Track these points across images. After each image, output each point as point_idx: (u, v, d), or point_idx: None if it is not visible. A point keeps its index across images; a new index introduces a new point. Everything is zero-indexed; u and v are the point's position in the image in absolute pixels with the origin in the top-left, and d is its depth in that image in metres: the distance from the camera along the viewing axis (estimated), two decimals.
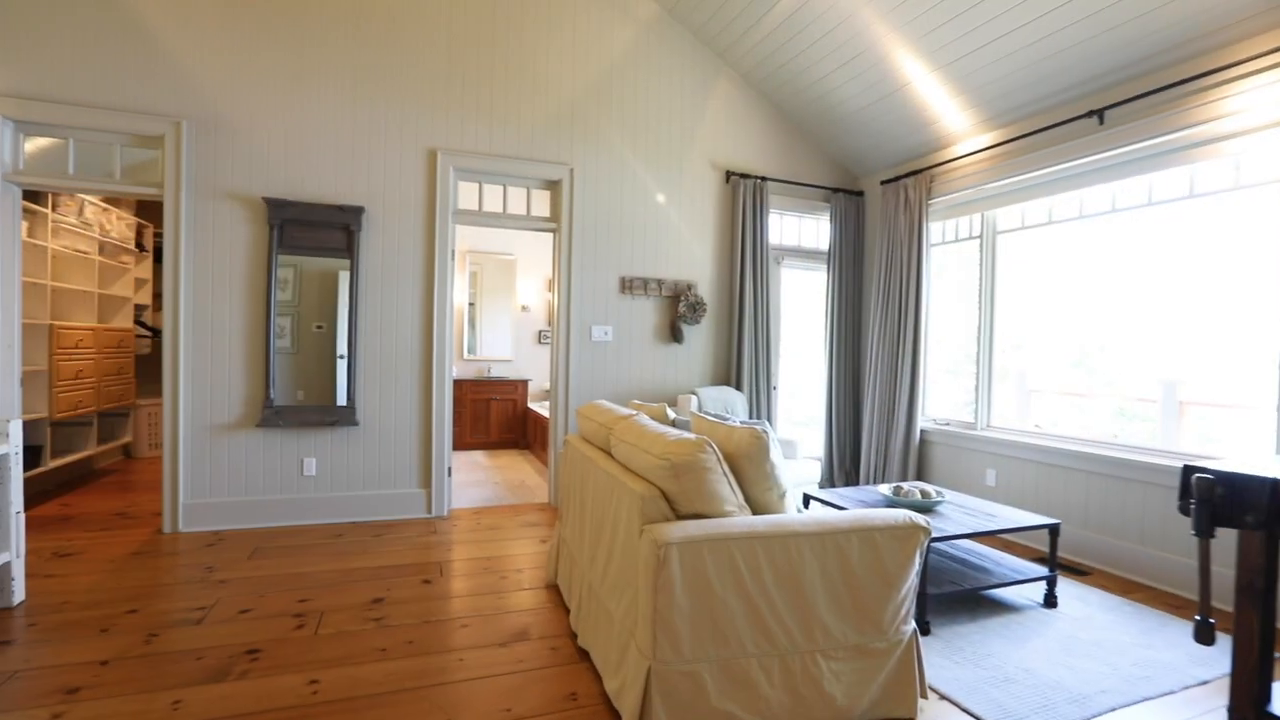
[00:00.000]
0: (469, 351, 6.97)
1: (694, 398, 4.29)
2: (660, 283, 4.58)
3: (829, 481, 5.03)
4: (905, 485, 3.04)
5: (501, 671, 2.17)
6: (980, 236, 4.22)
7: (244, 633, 2.40)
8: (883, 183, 4.74)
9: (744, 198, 4.69)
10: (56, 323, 4.07)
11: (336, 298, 3.86)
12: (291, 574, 2.99)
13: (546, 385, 7.06)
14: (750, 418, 4.67)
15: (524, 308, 7.19)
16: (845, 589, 1.81)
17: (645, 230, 4.55)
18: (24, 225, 3.97)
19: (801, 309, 5.44)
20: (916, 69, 3.80)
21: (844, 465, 5.07)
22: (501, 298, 7.07)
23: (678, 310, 4.58)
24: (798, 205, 5.01)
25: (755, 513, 1.92)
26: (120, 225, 5.04)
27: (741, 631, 1.71)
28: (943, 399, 4.65)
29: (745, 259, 4.69)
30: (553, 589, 2.91)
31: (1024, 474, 3.79)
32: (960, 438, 4.21)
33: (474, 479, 5.18)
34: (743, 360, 4.67)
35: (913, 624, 1.93)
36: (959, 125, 4.10)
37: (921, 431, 4.49)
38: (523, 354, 7.18)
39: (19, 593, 2.61)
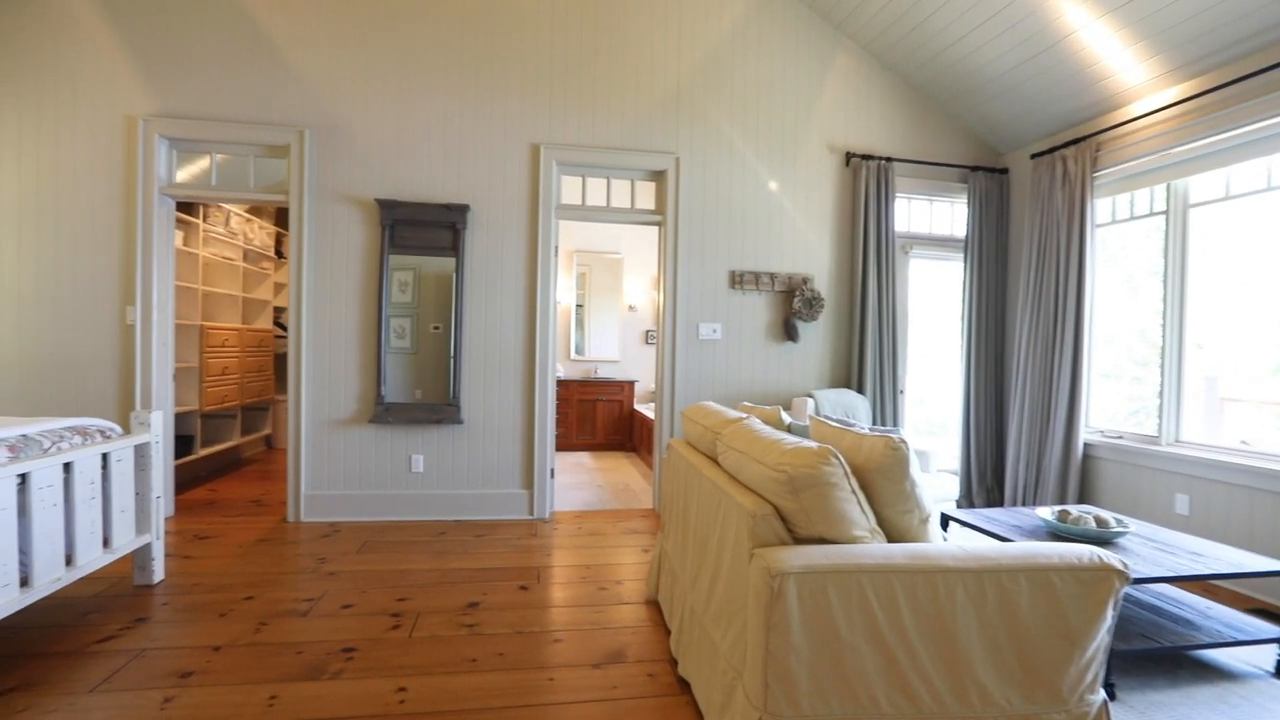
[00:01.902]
0: (576, 352, 6.96)
1: (810, 401, 3.91)
2: (773, 277, 4.25)
3: (967, 499, 4.43)
4: (1072, 509, 2.52)
5: (593, 697, 1.97)
6: (1166, 211, 3.50)
7: (343, 629, 2.38)
8: (1033, 156, 4.10)
9: (866, 181, 4.24)
10: (206, 323, 4.46)
11: (451, 299, 3.90)
12: (394, 570, 3.00)
13: (653, 386, 6.90)
14: (874, 425, 4.21)
15: (631, 307, 7.08)
16: (1010, 642, 1.43)
17: (756, 221, 4.24)
18: (180, 235, 4.38)
19: (933, 304, 4.87)
20: (1080, 15, 3.21)
21: (984, 481, 4.45)
22: (609, 298, 7.00)
23: (792, 306, 4.22)
24: (928, 188, 4.47)
25: (891, 539, 1.58)
26: (261, 234, 5.49)
27: (874, 685, 1.39)
28: (1098, 408, 3.93)
29: (868, 249, 4.24)
30: (653, 605, 2.69)
31: (1229, 502, 3.07)
32: (1137, 454, 3.52)
33: (578, 481, 5.10)
34: (865, 361, 4.22)
35: (1101, 693, 1.50)
36: (1135, 79, 3.43)
37: (1085, 445, 3.82)
38: (629, 354, 7.07)
39: (159, 572, 2.79)
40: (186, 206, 4.47)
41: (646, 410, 6.09)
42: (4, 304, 3.46)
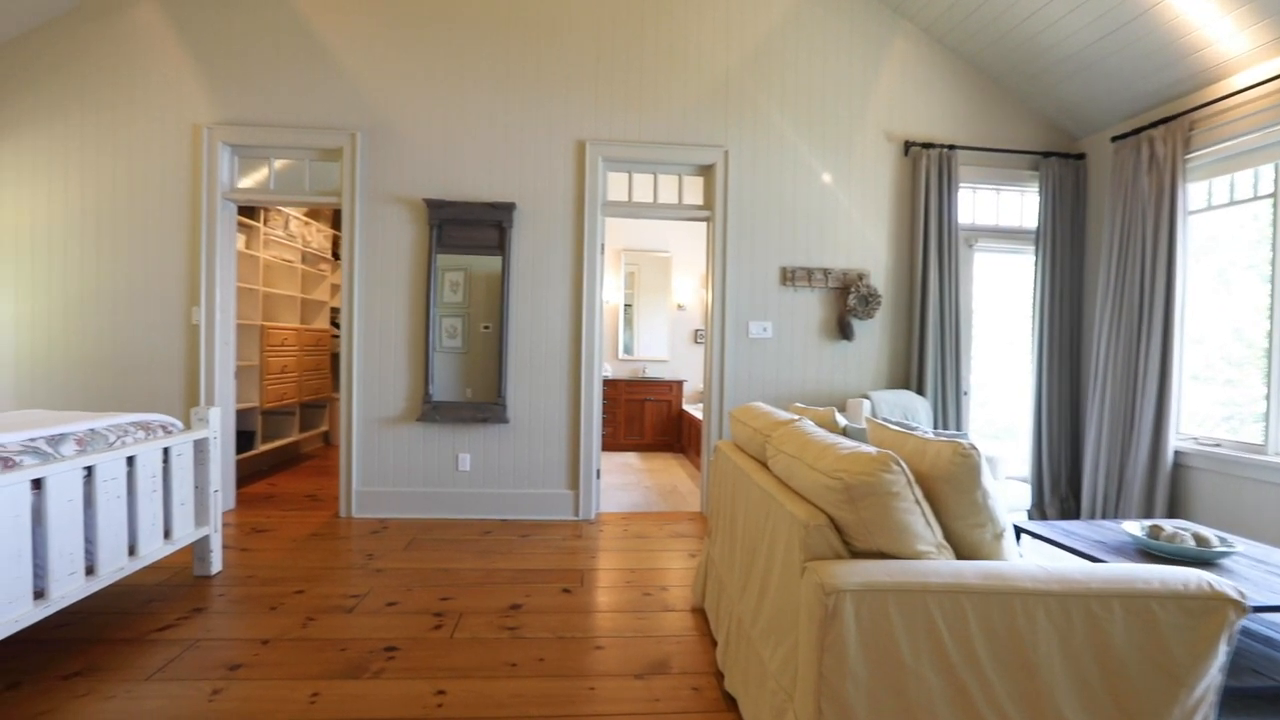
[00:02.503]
0: (625, 351, 6.91)
1: (866, 402, 3.72)
2: (826, 273, 4.07)
3: (1038, 510, 4.14)
4: (1165, 525, 2.28)
5: (634, 710, 1.89)
6: (1275, 194, 3.16)
7: (386, 627, 2.38)
8: (1114, 139, 3.79)
9: (927, 171, 4.01)
10: (266, 323, 4.61)
11: (499, 298, 3.90)
12: (439, 569, 2.99)
13: (702, 386, 6.77)
14: (935, 428, 3.98)
15: (679, 306, 6.98)
16: (1101, 677, 1.27)
17: (809, 215, 4.07)
18: (242, 238, 4.54)
19: (1000, 299, 4.57)
20: None
21: (1057, 490, 4.14)
22: (657, 296, 6.92)
23: (847, 303, 4.03)
24: (995, 176, 4.20)
25: (960, 556, 1.44)
26: (319, 236, 5.66)
27: (941, 719, 1.26)
28: (1187, 413, 3.57)
29: (929, 242, 4.01)
30: (699, 614, 2.59)
31: None
32: (1239, 464, 3.18)
33: (624, 481, 5.03)
34: (926, 360, 3.99)
35: None
36: (1236, 49, 3.11)
37: (1175, 454, 3.49)
38: (678, 354, 6.96)
39: (217, 563, 2.87)
40: (248, 210, 4.64)
41: (695, 411, 5.97)
42: (82, 306, 3.65)
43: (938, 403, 4.03)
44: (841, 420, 2.13)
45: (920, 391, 4.01)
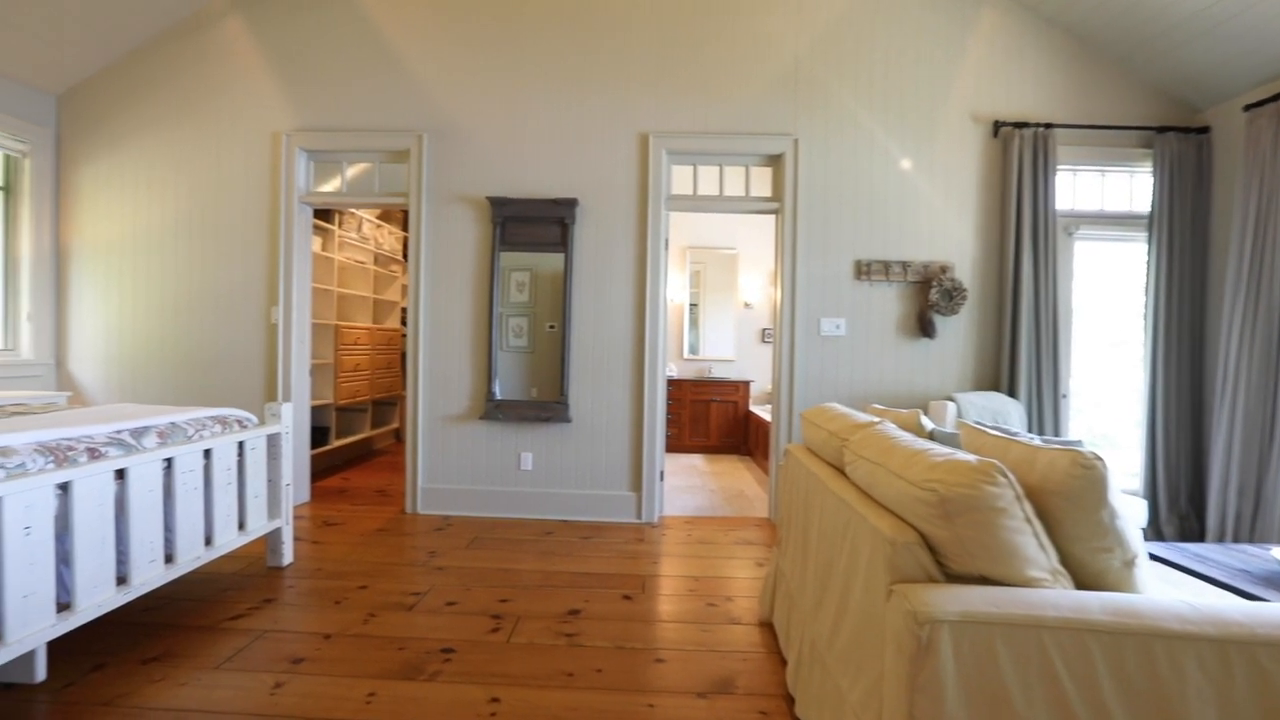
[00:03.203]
0: (690, 351, 6.77)
1: (951, 405, 3.43)
2: (905, 266, 3.79)
3: (1153, 530, 3.71)
4: None
5: None
6: None
7: (444, 627, 2.35)
8: (1247, 108, 3.33)
9: (1020, 153, 3.67)
10: (340, 323, 4.77)
11: (563, 297, 3.86)
12: (499, 569, 2.96)
13: (769, 387, 6.54)
14: (1029, 433, 3.62)
15: (746, 304, 6.77)
16: None
17: (886, 205, 3.81)
18: (318, 241, 4.70)
19: (1104, 292, 4.14)
20: None
21: (1175, 507, 3.69)
22: (723, 295, 6.74)
23: (928, 298, 3.74)
24: (1099, 156, 3.80)
25: (1081, 585, 1.23)
26: (390, 239, 5.83)
27: None
28: None
29: (1021, 231, 3.67)
30: (767, 628, 2.43)
31: None
32: None
33: (689, 484, 4.89)
34: (1018, 359, 3.65)
35: None
36: None
37: None
38: (745, 353, 6.76)
39: (288, 555, 2.94)
40: (324, 214, 4.81)
41: (762, 412, 5.76)
42: (175, 306, 3.86)
43: (1033, 406, 3.67)
44: (928, 423, 1.93)
45: (1012, 394, 3.67)
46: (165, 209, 3.87)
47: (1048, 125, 3.68)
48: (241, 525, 2.66)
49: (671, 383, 6.23)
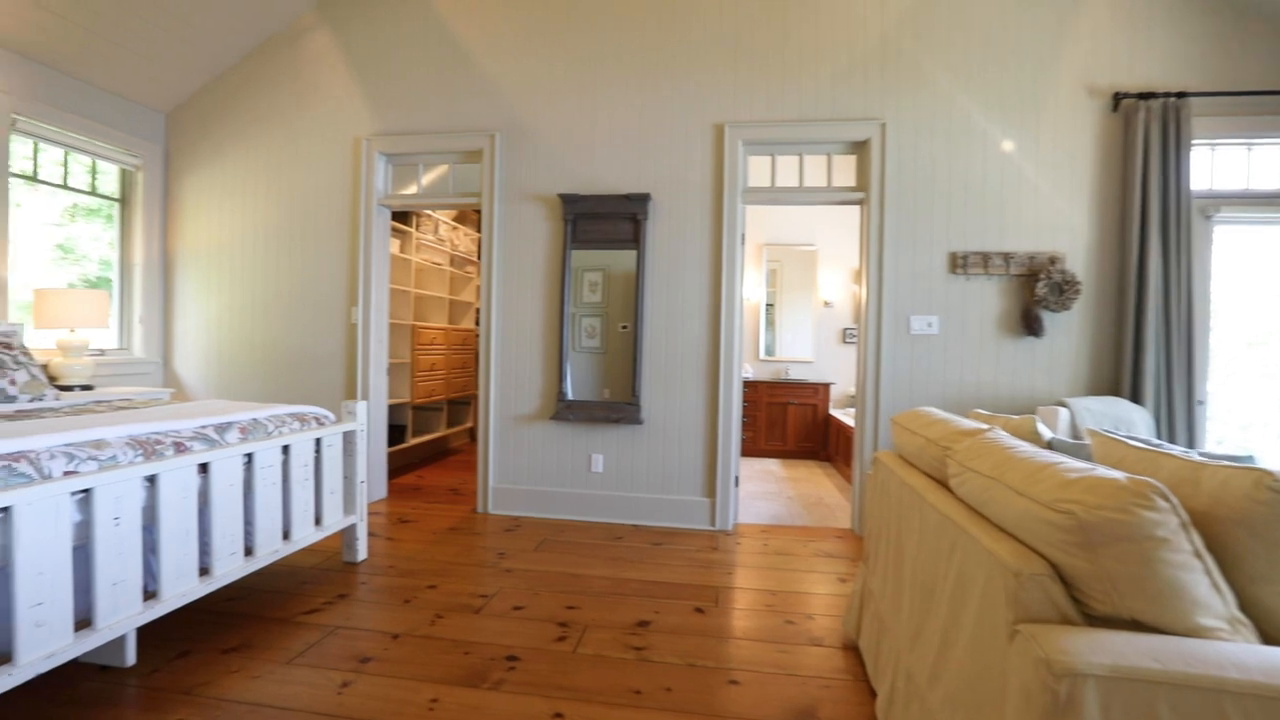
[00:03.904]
0: (766, 352, 6.53)
1: (1063, 411, 3.07)
2: (1007, 257, 3.44)
3: None
4: None
5: None
6: None
7: (511, 633, 2.28)
8: None
9: (1146, 127, 3.25)
10: (417, 323, 4.88)
11: (635, 296, 3.78)
12: (568, 574, 2.88)
13: (852, 390, 6.20)
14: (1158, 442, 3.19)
15: (826, 303, 6.45)
16: None
17: (984, 191, 3.47)
18: (396, 243, 4.83)
19: (1249, 283, 3.61)
20: None
21: None
22: (801, 294, 6.46)
23: (1034, 293, 3.38)
24: (1245, 127, 3.32)
25: (1268, 637, 0.98)
26: (466, 240, 5.94)
27: None
28: None
29: (1148, 216, 3.24)
30: (852, 652, 2.22)
31: None
32: None
33: (765, 490, 4.68)
34: (1144, 360, 3.22)
35: None
36: None
37: None
38: (824, 354, 6.44)
39: (363, 551, 2.98)
40: (402, 217, 4.95)
41: (844, 416, 5.45)
42: (265, 306, 4.06)
43: (1162, 413, 3.24)
44: (1045, 431, 1.68)
45: (1136, 400, 3.25)
46: (257, 215, 4.07)
47: (1180, 94, 3.24)
48: (318, 520, 2.71)
49: (747, 384, 6.02)
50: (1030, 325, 3.40)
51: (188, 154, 4.16)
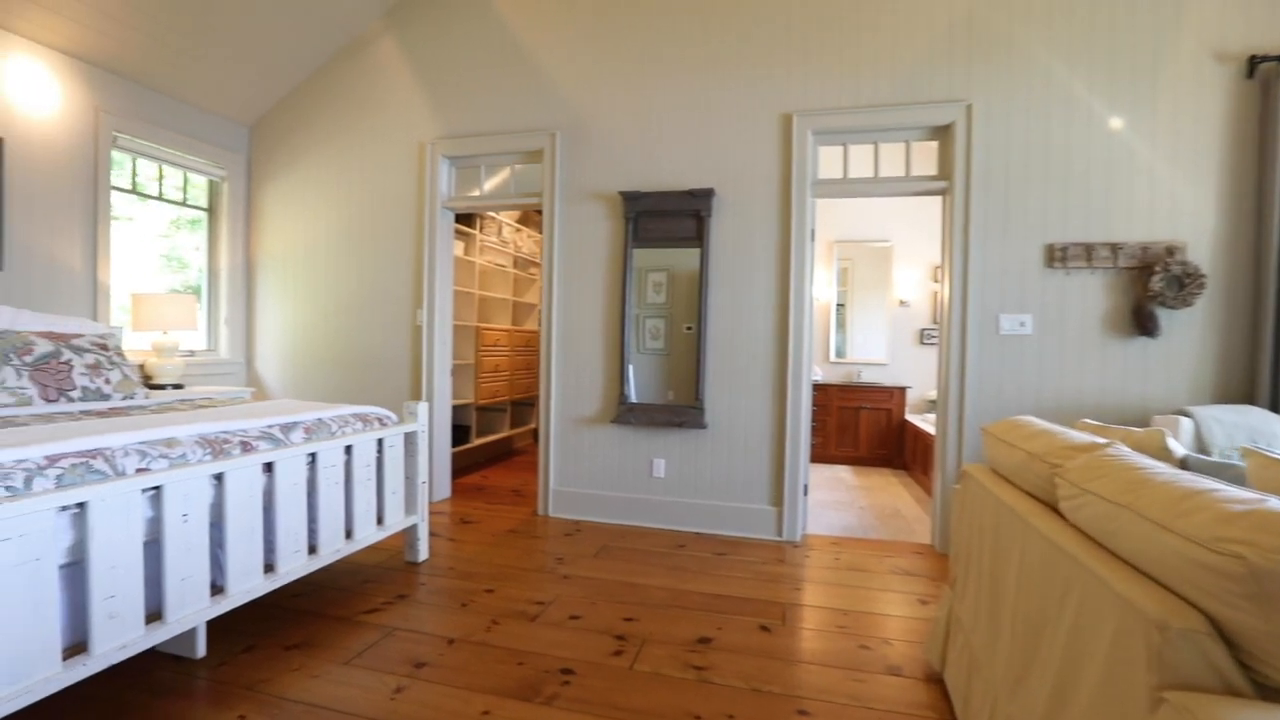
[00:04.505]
0: (837, 354, 6.23)
1: (1185, 422, 2.70)
2: (1115, 249, 3.09)
3: None
4: None
5: None
6: None
7: (566, 644, 2.20)
8: None
9: None
10: (481, 325, 4.93)
11: (698, 296, 3.66)
12: (627, 584, 2.78)
13: (930, 394, 5.82)
14: None
15: (901, 302, 6.09)
16: None
17: (1087, 175, 3.13)
18: (460, 246, 4.89)
19: None
20: None
21: None
22: (875, 293, 6.12)
23: (1148, 288, 3.01)
24: None
25: None
26: (530, 242, 5.97)
27: None
28: None
29: None
30: (936, 685, 2.00)
31: None
32: None
33: (835, 499, 4.43)
34: None
35: None
36: None
37: None
38: (900, 356, 6.08)
39: (423, 551, 2.99)
40: (466, 220, 5.00)
41: (921, 422, 5.11)
42: (337, 309, 4.18)
43: None
44: (1177, 448, 1.43)
45: (1276, 409, 2.83)
46: (329, 220, 4.20)
47: None
48: (380, 520, 2.72)
49: (816, 388, 5.76)
50: (1143, 324, 3.03)
51: (268, 164, 4.35)
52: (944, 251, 3.36)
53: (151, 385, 3.49)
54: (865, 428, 5.72)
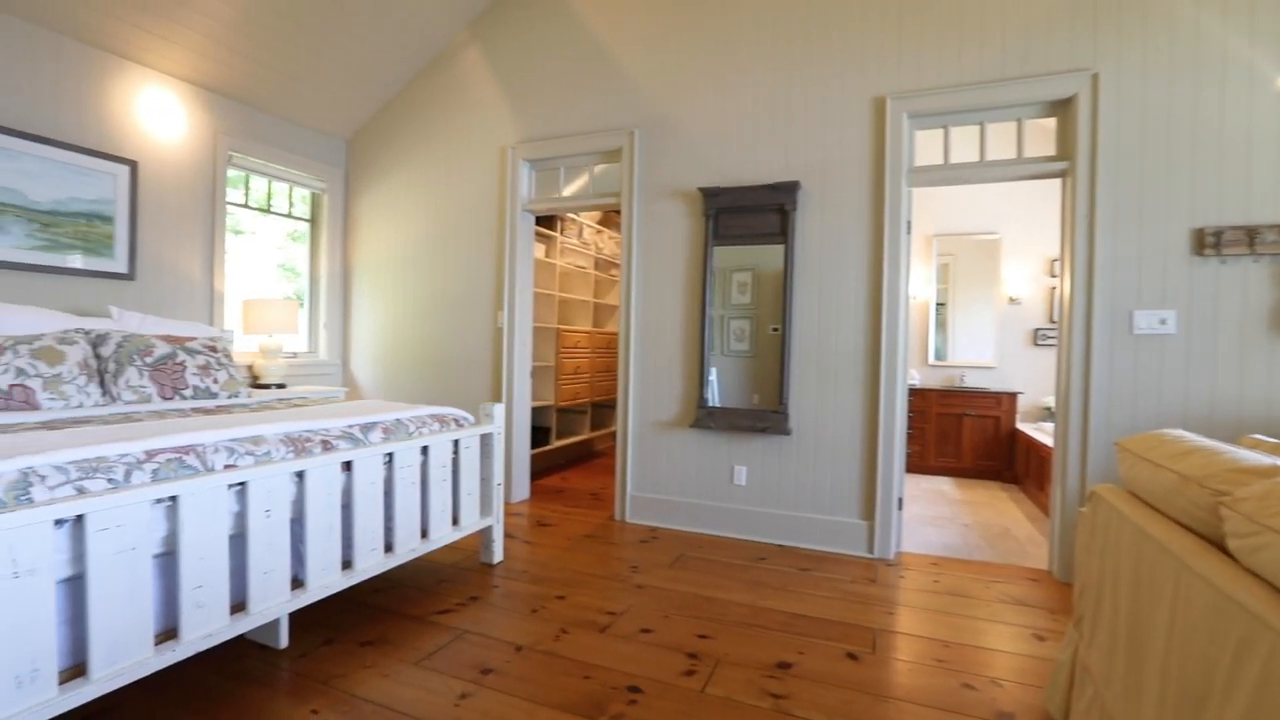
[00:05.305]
0: (935, 356, 5.78)
1: None
2: None
3: None
4: None
5: None
6: None
7: (635, 659, 2.10)
8: None
9: None
10: (561, 326, 4.94)
11: (783, 295, 3.47)
12: (702, 597, 2.64)
13: (1047, 400, 5.26)
14: None
15: (1012, 300, 5.56)
16: None
17: (1248, 146, 2.67)
18: (541, 248, 4.93)
19: None
20: None
21: None
22: (980, 290, 5.62)
23: None
24: None
25: None
26: (611, 244, 5.95)
27: None
28: None
29: None
30: None
31: None
32: None
33: (934, 513, 4.07)
34: None
35: None
36: None
37: None
38: (1009, 359, 5.55)
39: (498, 553, 2.99)
40: (546, 222, 5.04)
41: (1036, 432, 4.62)
42: (422, 312, 4.32)
43: None
44: None
45: None
46: (417, 227, 4.35)
47: None
48: (455, 520, 2.74)
49: (913, 392, 5.36)
50: None
51: (363, 176, 4.58)
52: (1063, 241, 2.98)
53: (259, 385, 3.73)
54: (969, 437, 5.26)
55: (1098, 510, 1.59)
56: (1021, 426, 5.06)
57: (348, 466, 2.22)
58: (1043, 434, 4.52)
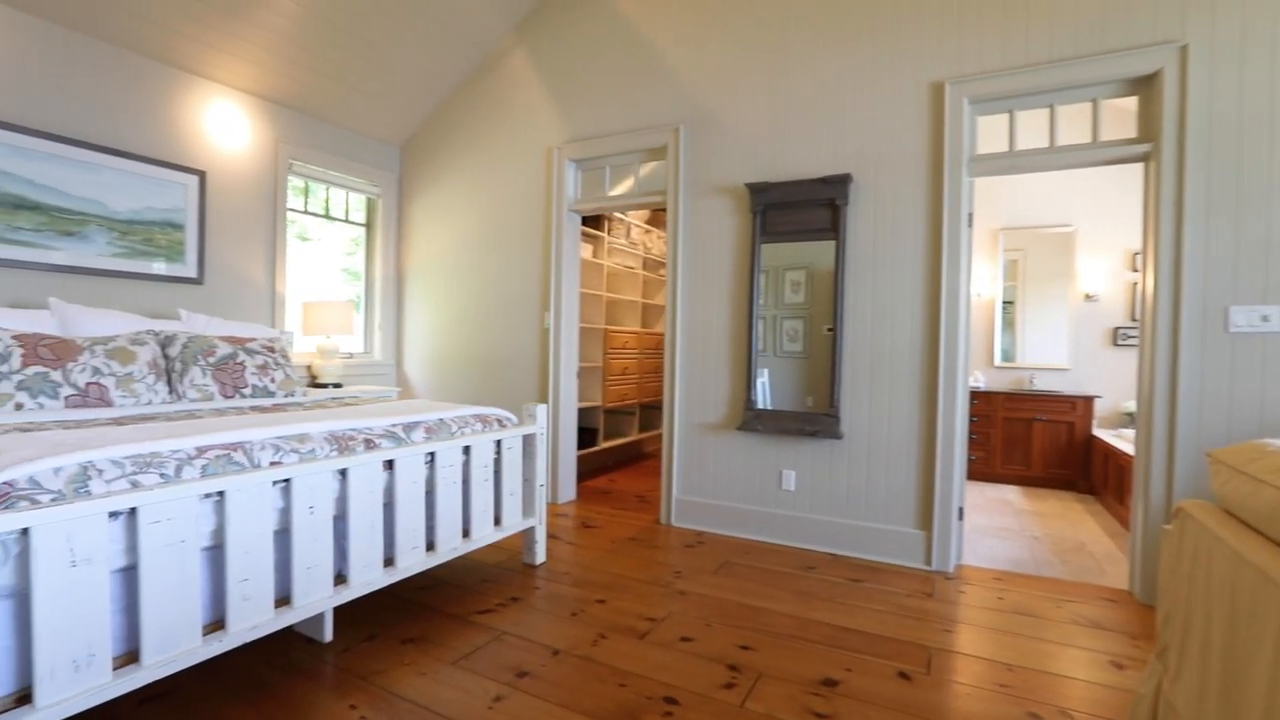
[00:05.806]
0: (1003, 357, 5.46)
1: None
2: None
3: None
4: None
5: None
6: None
7: (673, 668, 2.04)
8: None
9: None
10: (609, 327, 4.92)
11: (834, 293, 3.34)
12: (746, 606, 2.55)
13: (1128, 405, 4.88)
14: None
15: (1088, 296, 5.18)
16: None
17: None
18: (588, 248, 4.92)
19: None
20: None
21: None
22: (1052, 286, 5.28)
23: None
24: None
25: None
26: (659, 243, 5.89)
27: None
28: None
29: None
30: None
31: None
32: None
33: (998, 524, 3.83)
34: None
35: None
36: None
37: None
38: (1085, 360, 5.18)
39: (540, 554, 2.98)
40: (593, 222, 5.03)
41: (1115, 439, 4.28)
42: (471, 313, 4.38)
43: None
44: None
45: None
46: (466, 229, 4.42)
47: None
48: (497, 521, 2.75)
49: (977, 395, 5.07)
50: None
51: (415, 180, 4.69)
52: (1146, 232, 2.74)
53: (316, 384, 3.86)
54: (1039, 443, 4.93)
55: (1185, 529, 1.42)
56: (1099, 433, 4.70)
57: (390, 465, 2.25)
58: (1123, 441, 4.18)
